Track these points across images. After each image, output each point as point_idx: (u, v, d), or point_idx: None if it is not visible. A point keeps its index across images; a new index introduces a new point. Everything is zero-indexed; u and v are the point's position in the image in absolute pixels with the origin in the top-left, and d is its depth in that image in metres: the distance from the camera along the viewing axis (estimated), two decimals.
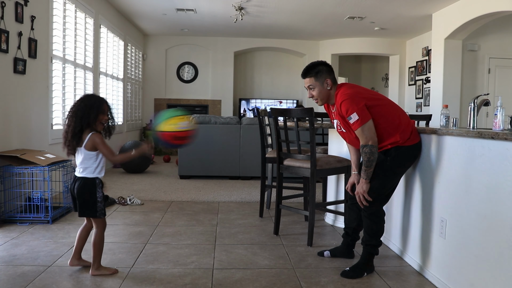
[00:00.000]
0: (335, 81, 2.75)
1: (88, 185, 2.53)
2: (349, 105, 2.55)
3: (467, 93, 7.14)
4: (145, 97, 10.04)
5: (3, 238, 3.27)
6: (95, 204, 2.53)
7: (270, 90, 10.77)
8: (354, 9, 7.15)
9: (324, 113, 5.11)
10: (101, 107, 2.53)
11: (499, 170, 2.02)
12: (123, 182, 5.80)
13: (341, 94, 2.64)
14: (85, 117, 2.47)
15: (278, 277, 2.62)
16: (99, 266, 2.58)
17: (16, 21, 4.05)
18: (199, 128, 2.30)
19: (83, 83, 5.84)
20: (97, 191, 2.54)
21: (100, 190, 2.56)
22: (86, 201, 2.53)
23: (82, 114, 2.46)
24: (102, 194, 2.57)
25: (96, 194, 2.53)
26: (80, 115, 2.46)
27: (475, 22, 6.44)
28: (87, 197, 2.52)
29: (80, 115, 2.46)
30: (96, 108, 2.50)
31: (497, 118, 2.48)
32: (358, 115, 2.53)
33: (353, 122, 2.56)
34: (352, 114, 2.54)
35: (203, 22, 8.44)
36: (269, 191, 4.48)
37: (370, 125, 2.56)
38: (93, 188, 2.53)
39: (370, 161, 2.58)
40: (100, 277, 2.54)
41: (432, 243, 2.61)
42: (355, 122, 2.55)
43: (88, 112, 2.47)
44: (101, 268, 2.58)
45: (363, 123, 2.54)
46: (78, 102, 2.52)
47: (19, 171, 3.74)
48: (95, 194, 2.53)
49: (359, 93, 2.63)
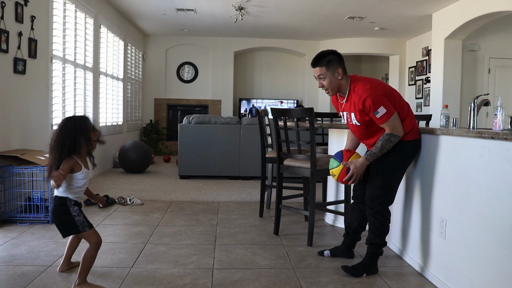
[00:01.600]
0: (345, 71, 2.71)
1: (61, 205, 2.39)
2: (375, 101, 2.53)
3: (467, 93, 7.14)
4: (145, 97, 10.04)
5: (3, 238, 3.27)
6: (73, 220, 2.37)
7: (270, 90, 10.77)
8: (354, 9, 7.15)
9: (324, 113, 5.12)
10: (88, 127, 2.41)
11: (499, 170, 2.02)
12: (123, 182, 5.80)
13: (361, 89, 2.58)
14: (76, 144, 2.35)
15: (278, 277, 2.62)
16: (83, 282, 2.37)
17: (16, 21, 4.05)
18: None
19: (83, 83, 5.84)
20: (70, 207, 2.39)
21: (72, 205, 2.40)
22: (64, 221, 2.39)
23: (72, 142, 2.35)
24: (78, 208, 2.42)
25: (70, 210, 2.38)
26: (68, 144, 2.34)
27: (475, 22, 6.43)
28: (62, 218, 2.39)
29: (69, 143, 2.34)
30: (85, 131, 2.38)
31: (497, 118, 2.48)
32: (385, 108, 2.53)
33: (380, 116, 2.54)
34: (379, 108, 2.53)
35: (203, 22, 8.44)
36: (269, 191, 4.48)
37: (397, 116, 2.58)
38: (65, 206, 2.38)
39: (385, 149, 2.60)
40: (100, 278, 2.54)
41: (432, 243, 2.61)
42: (383, 115, 2.53)
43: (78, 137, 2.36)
44: (85, 285, 2.37)
45: (390, 115, 2.54)
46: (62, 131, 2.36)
47: (19, 171, 3.74)
48: (68, 211, 2.38)
49: (379, 85, 2.61)
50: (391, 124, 2.57)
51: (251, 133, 6.16)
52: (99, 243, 2.42)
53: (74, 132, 2.35)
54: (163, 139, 9.94)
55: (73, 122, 2.39)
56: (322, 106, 10.27)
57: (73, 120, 2.41)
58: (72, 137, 2.35)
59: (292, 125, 3.50)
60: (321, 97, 10.26)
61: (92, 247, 2.39)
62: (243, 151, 6.22)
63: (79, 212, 2.40)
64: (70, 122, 2.40)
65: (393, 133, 2.57)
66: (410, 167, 2.86)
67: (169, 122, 10.16)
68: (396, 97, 2.67)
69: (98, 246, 2.42)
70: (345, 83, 2.70)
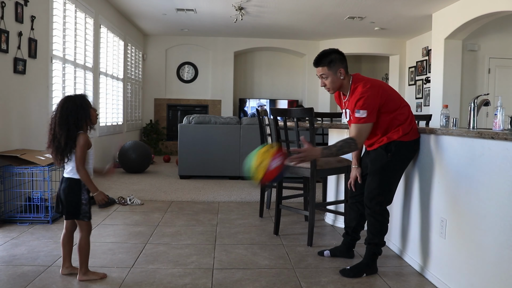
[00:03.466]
0: (347, 70, 2.71)
1: (73, 186, 2.44)
2: (365, 101, 2.52)
3: (467, 93, 7.14)
4: (145, 97, 10.04)
5: (3, 238, 3.27)
6: (79, 206, 2.44)
7: (270, 90, 10.77)
8: (354, 9, 7.15)
9: (324, 113, 5.12)
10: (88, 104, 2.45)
11: (499, 170, 2.02)
12: (123, 182, 5.80)
13: (360, 90, 2.57)
14: (79, 120, 2.38)
15: (278, 277, 2.62)
16: (87, 271, 2.50)
17: (16, 21, 4.05)
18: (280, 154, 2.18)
19: (83, 83, 5.84)
20: (82, 193, 2.45)
21: (86, 192, 2.46)
22: (70, 202, 2.44)
23: (75, 119, 2.37)
24: (88, 196, 2.47)
25: (81, 196, 2.44)
26: (72, 121, 2.36)
27: (475, 22, 6.43)
28: (71, 198, 2.44)
29: (73, 120, 2.37)
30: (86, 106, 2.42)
31: (497, 118, 2.48)
32: (368, 114, 2.53)
33: (357, 116, 2.54)
34: (362, 110, 2.53)
35: (203, 22, 8.44)
36: (269, 191, 4.48)
37: (368, 128, 2.57)
38: (78, 189, 2.44)
39: (341, 151, 2.57)
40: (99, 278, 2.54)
41: (432, 243, 2.61)
42: (360, 118, 2.53)
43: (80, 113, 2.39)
44: (89, 273, 2.50)
45: (365, 122, 2.54)
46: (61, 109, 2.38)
47: (19, 171, 3.74)
48: (79, 196, 2.44)
49: (377, 88, 2.59)
50: (359, 130, 2.55)
51: (251, 133, 6.16)
52: (91, 230, 2.54)
53: (76, 109, 2.39)
54: (163, 139, 9.95)
55: (73, 100, 2.42)
56: (322, 106, 10.27)
57: (73, 98, 2.44)
58: (75, 114, 2.38)
59: (292, 125, 3.50)
60: (321, 97, 10.26)
61: (84, 233, 2.49)
62: (243, 151, 6.22)
63: (87, 201, 2.47)
64: (69, 100, 2.43)
65: (356, 140, 2.56)
66: (410, 167, 2.86)
67: (169, 122, 10.16)
68: (395, 98, 2.66)
69: (89, 233, 2.53)
70: (347, 83, 2.69)
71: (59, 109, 2.39)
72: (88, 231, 2.51)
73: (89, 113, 2.44)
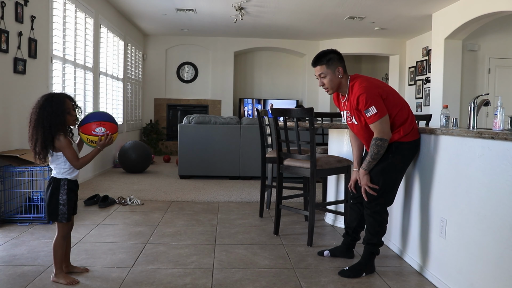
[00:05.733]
0: (346, 70, 2.74)
1: (53, 186, 2.42)
2: (368, 98, 2.54)
3: (467, 93, 7.14)
4: (145, 97, 10.04)
5: (3, 238, 3.27)
6: (57, 206, 2.41)
7: (270, 90, 10.77)
8: (354, 9, 7.15)
9: (324, 113, 5.12)
10: (65, 108, 2.36)
11: (499, 170, 2.02)
12: (123, 182, 5.80)
13: (357, 87, 2.60)
14: (53, 126, 2.31)
15: (278, 277, 2.62)
16: (57, 273, 2.44)
17: (16, 21, 4.05)
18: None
19: (83, 83, 5.84)
20: (60, 193, 2.41)
21: (65, 192, 2.42)
22: (49, 202, 2.41)
23: (50, 124, 2.30)
24: (67, 197, 2.43)
25: (59, 196, 2.41)
26: (47, 126, 2.30)
27: (475, 22, 6.43)
28: (49, 198, 2.41)
29: (48, 125, 2.30)
30: (61, 112, 2.34)
31: (497, 118, 2.48)
32: (377, 108, 2.54)
33: (370, 115, 2.55)
34: (370, 107, 2.54)
35: (203, 22, 8.44)
36: (269, 191, 4.48)
37: (387, 119, 2.58)
38: (57, 190, 2.41)
39: (378, 155, 2.60)
40: (100, 278, 2.54)
41: (432, 243, 2.61)
42: (373, 115, 2.55)
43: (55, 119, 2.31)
44: (59, 276, 2.43)
45: (381, 117, 2.55)
46: (39, 109, 2.32)
47: (19, 171, 3.74)
48: (57, 196, 2.41)
49: (375, 86, 2.61)
50: (379, 126, 2.57)
51: (251, 133, 6.16)
52: (65, 236, 2.49)
53: (50, 114, 2.32)
54: (163, 139, 9.95)
55: (50, 103, 2.34)
56: (322, 106, 10.27)
57: (50, 102, 2.35)
58: (48, 120, 2.31)
59: (292, 125, 3.50)
60: (321, 97, 10.26)
61: (58, 235, 2.46)
62: (243, 151, 6.22)
63: (66, 202, 2.42)
64: (48, 102, 2.35)
65: (380, 136, 2.57)
66: (410, 167, 2.86)
67: (169, 122, 10.16)
68: (395, 98, 2.67)
69: (64, 238, 2.48)
70: (345, 82, 2.72)
71: (37, 110, 2.34)
72: (63, 234, 2.46)
73: (64, 119, 2.36)
